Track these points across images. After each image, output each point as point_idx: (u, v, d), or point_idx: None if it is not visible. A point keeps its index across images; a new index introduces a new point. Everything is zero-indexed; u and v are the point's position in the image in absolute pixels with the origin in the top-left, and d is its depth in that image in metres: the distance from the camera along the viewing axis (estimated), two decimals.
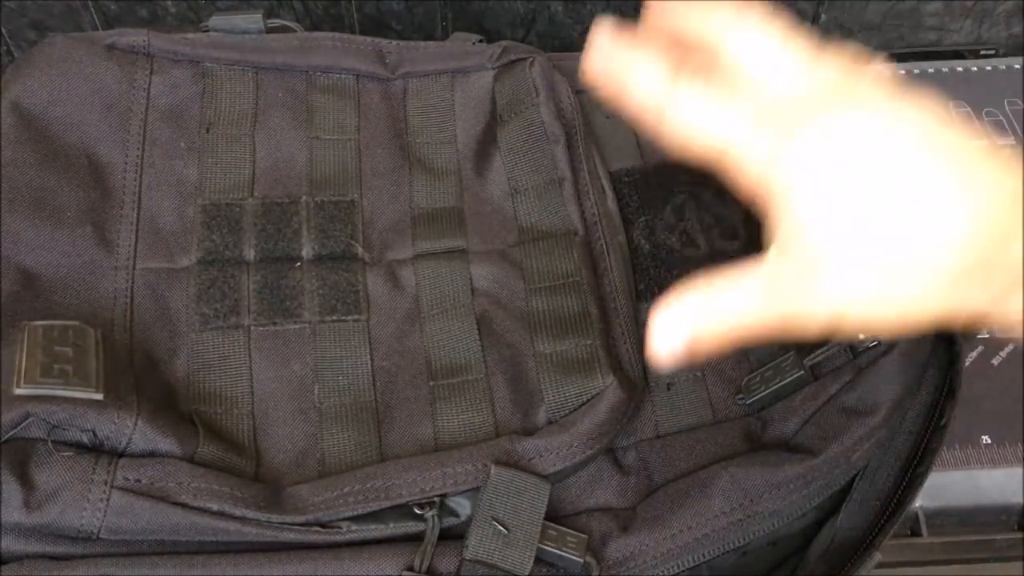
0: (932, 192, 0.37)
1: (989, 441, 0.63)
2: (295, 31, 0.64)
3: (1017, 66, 0.85)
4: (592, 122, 0.65)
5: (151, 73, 0.61)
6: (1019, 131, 0.79)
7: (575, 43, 0.91)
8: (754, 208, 0.41)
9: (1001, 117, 0.81)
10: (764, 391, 0.54)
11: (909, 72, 0.84)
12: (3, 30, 0.87)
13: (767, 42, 0.41)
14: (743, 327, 0.41)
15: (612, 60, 0.42)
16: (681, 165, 0.61)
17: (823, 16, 0.89)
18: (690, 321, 0.41)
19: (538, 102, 0.63)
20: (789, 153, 0.38)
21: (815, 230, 0.38)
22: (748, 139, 0.39)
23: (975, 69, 0.85)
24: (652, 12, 0.44)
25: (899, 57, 0.90)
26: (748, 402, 0.55)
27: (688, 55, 0.42)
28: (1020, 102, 0.81)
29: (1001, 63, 0.85)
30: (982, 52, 0.89)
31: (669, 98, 0.41)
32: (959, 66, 0.85)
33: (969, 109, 0.81)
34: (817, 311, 0.39)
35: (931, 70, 0.85)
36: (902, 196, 0.37)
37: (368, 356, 0.55)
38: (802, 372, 0.54)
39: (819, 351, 0.54)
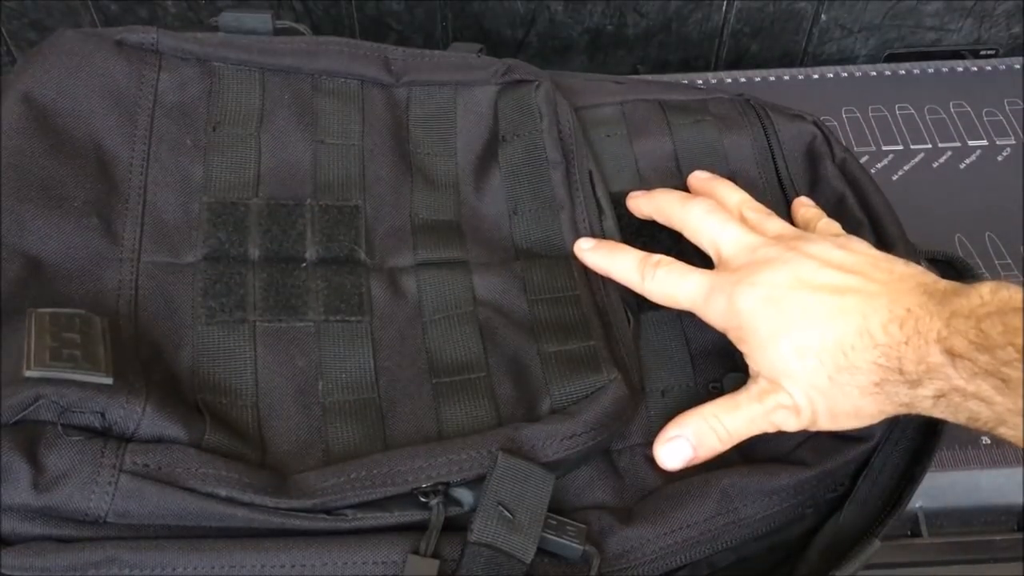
0: (841, 318, 0.49)
1: (989, 441, 0.63)
2: (303, 34, 0.65)
3: (1017, 66, 0.85)
4: (593, 141, 0.66)
5: (159, 70, 0.61)
6: (1019, 131, 0.80)
7: (575, 43, 0.91)
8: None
9: (1001, 117, 0.81)
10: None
11: (909, 72, 0.85)
12: (3, 30, 0.88)
13: (709, 221, 0.57)
14: (735, 435, 0.53)
15: (598, 250, 0.59)
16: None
17: (823, 16, 0.90)
18: (690, 438, 0.53)
19: (541, 128, 0.63)
20: (735, 304, 0.52)
21: (768, 356, 0.51)
22: (705, 300, 0.54)
23: (975, 69, 0.85)
24: (631, 205, 0.62)
25: (899, 57, 0.90)
26: (724, 392, 0.56)
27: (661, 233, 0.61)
28: (1020, 102, 0.82)
29: (1001, 63, 0.86)
30: (982, 52, 0.89)
31: (644, 279, 0.57)
32: (959, 66, 0.85)
33: (969, 109, 0.81)
34: (791, 416, 0.52)
35: (931, 70, 0.85)
36: (819, 325, 0.50)
37: (371, 355, 0.55)
38: None
39: None
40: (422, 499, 0.48)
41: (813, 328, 0.50)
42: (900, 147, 0.79)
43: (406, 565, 0.46)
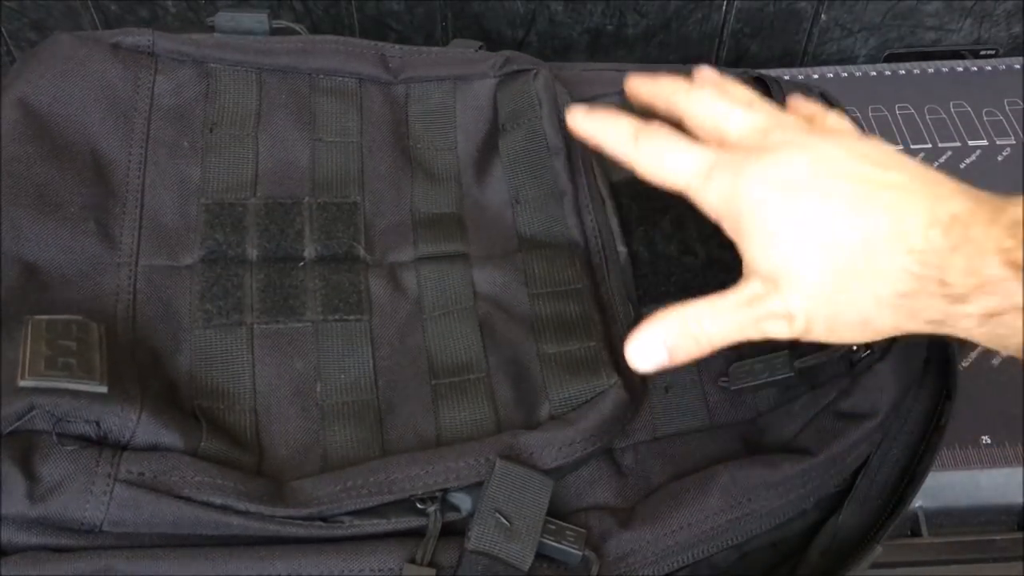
0: (871, 214, 0.43)
1: (989, 441, 0.63)
2: (299, 33, 0.65)
3: (1017, 66, 0.85)
4: None
5: (155, 73, 0.61)
6: (1019, 131, 0.79)
7: (575, 43, 0.91)
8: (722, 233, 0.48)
9: (1001, 117, 0.81)
10: (750, 381, 0.55)
11: (909, 72, 0.85)
12: (3, 30, 0.88)
13: (716, 103, 0.50)
14: (716, 342, 0.48)
15: (591, 115, 0.53)
16: None
17: (823, 16, 0.90)
18: (665, 339, 0.48)
19: (541, 114, 0.63)
20: (741, 189, 0.46)
21: (771, 253, 0.45)
22: (705, 179, 0.48)
23: (975, 69, 0.85)
24: (629, 86, 0.55)
25: (899, 57, 0.90)
26: (732, 388, 0.55)
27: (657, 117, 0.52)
28: (1020, 102, 0.82)
29: (1001, 63, 0.85)
30: (982, 52, 0.89)
31: (637, 142, 0.50)
32: (959, 66, 0.85)
33: (969, 109, 0.81)
34: (782, 323, 0.46)
35: (931, 70, 0.85)
36: (842, 219, 0.43)
37: (370, 355, 0.55)
38: (790, 373, 0.54)
39: (811, 356, 0.54)
40: (419, 505, 0.48)
41: (832, 223, 0.44)
42: (900, 147, 0.79)
43: (402, 574, 0.46)
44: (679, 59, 0.94)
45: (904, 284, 0.42)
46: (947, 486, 0.62)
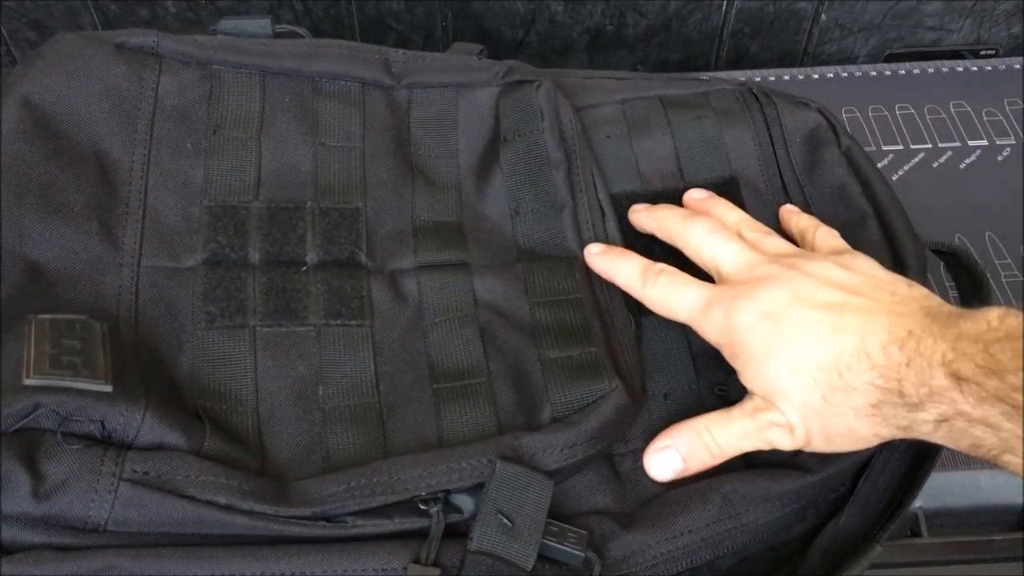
0: (840, 337, 0.49)
1: None
2: (303, 37, 0.65)
3: (1017, 66, 0.85)
4: (593, 142, 0.66)
5: (159, 74, 0.61)
6: (1019, 131, 0.80)
7: (575, 43, 0.91)
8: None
9: (1001, 117, 0.81)
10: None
11: (909, 72, 0.85)
12: (3, 30, 0.88)
13: (709, 240, 0.57)
14: (728, 451, 0.53)
15: (605, 254, 0.60)
16: (679, 193, 0.64)
17: (823, 16, 0.90)
18: (680, 450, 0.53)
19: (542, 127, 0.63)
20: (732, 320, 0.52)
21: (762, 375, 0.51)
22: (703, 314, 0.54)
23: (975, 69, 0.85)
24: (633, 218, 0.62)
25: (899, 57, 0.90)
26: (731, 397, 0.55)
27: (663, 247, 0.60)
28: (1020, 102, 0.82)
29: (1001, 63, 0.85)
30: (982, 52, 0.89)
31: (645, 285, 0.57)
32: (959, 66, 0.85)
33: (969, 109, 0.81)
34: (785, 434, 0.51)
35: (931, 70, 0.85)
36: (816, 344, 0.49)
37: (371, 359, 0.55)
38: None
39: None
40: (422, 506, 0.48)
41: (808, 346, 0.49)
42: (900, 147, 0.79)
43: (407, 574, 0.46)
44: (679, 59, 0.94)
45: (872, 396, 0.47)
46: (947, 486, 0.62)
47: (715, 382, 0.57)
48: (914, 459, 0.54)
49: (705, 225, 0.58)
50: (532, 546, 0.47)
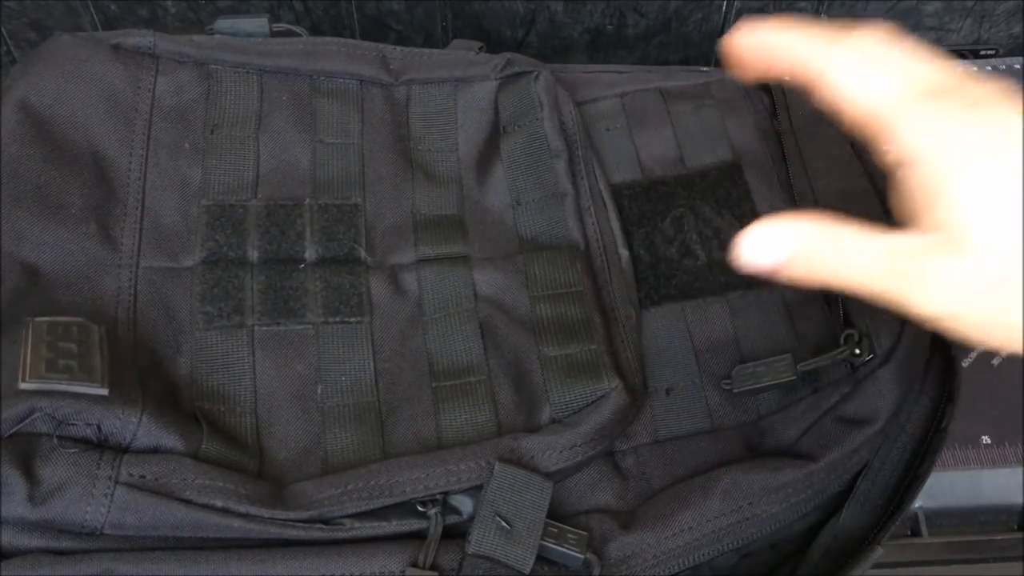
0: None
1: (989, 441, 0.63)
2: (300, 35, 0.65)
3: (1017, 66, 0.85)
4: (593, 135, 0.65)
5: (156, 74, 0.61)
6: None
7: (575, 43, 0.91)
8: (889, 179, 0.40)
9: None
10: (752, 384, 0.55)
11: None
12: (3, 30, 0.88)
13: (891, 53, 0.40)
14: (844, 278, 0.40)
15: (769, 30, 0.42)
16: (680, 180, 0.63)
17: (823, 16, 0.89)
18: (796, 246, 0.40)
19: (542, 116, 0.63)
20: (950, 132, 0.37)
21: (960, 213, 0.37)
22: (903, 108, 0.39)
23: (975, 69, 0.85)
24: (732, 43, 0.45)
25: None
26: (735, 390, 0.55)
27: None
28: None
29: (1001, 63, 0.85)
30: (982, 52, 0.89)
31: (828, 59, 0.41)
32: (959, 66, 0.85)
33: None
34: (930, 298, 0.38)
35: None
36: None
37: (371, 357, 0.55)
38: (793, 377, 0.54)
39: (813, 360, 0.54)
40: (420, 508, 0.48)
41: None
42: None
43: None
44: (679, 59, 0.94)
45: None
46: (947, 486, 0.62)
47: (719, 376, 0.57)
48: (913, 457, 0.54)
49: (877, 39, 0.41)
50: (530, 549, 0.47)
